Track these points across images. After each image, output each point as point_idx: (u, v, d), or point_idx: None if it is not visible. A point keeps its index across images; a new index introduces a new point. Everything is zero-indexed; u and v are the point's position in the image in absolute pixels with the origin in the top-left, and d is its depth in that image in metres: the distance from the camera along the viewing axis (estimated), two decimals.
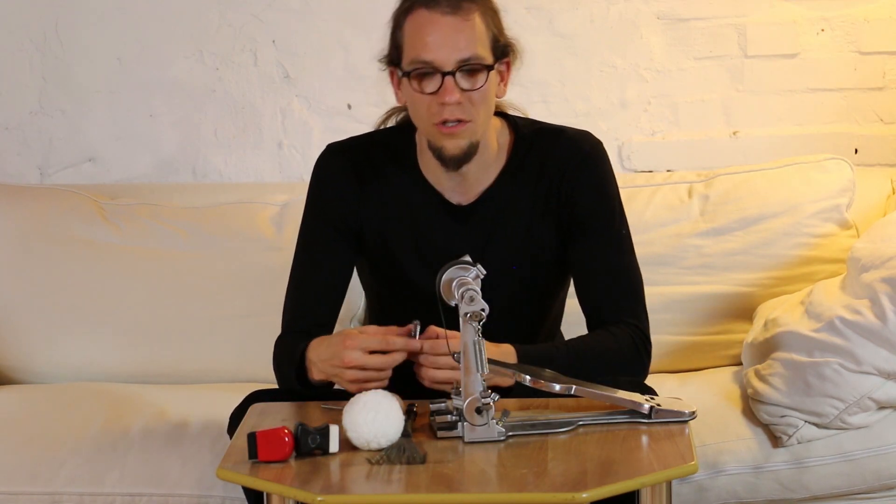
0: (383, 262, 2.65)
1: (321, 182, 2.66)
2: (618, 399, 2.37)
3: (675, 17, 3.59)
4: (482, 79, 2.49)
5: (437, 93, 2.47)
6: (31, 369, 3.34)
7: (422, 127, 2.55)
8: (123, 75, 3.65)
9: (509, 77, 2.58)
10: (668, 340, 3.27)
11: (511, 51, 2.56)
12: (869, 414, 2.84)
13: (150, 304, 3.31)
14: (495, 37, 2.52)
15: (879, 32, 3.55)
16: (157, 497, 2.84)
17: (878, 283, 2.85)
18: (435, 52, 2.46)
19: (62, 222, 3.37)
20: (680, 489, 2.80)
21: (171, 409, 3.05)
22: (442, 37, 2.46)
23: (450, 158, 2.52)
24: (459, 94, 2.47)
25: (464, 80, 2.48)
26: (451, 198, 2.62)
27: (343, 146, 2.68)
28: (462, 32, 2.47)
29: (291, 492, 2.14)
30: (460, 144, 2.51)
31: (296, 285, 2.65)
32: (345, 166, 2.64)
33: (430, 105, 2.48)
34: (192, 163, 3.67)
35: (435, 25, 2.46)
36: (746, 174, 3.35)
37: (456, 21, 2.47)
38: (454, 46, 2.46)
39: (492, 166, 2.62)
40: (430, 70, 2.47)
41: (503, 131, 2.65)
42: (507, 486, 2.15)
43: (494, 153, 2.62)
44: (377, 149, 2.65)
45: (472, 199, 2.62)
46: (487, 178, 2.62)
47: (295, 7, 3.62)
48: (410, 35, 2.49)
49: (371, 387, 2.34)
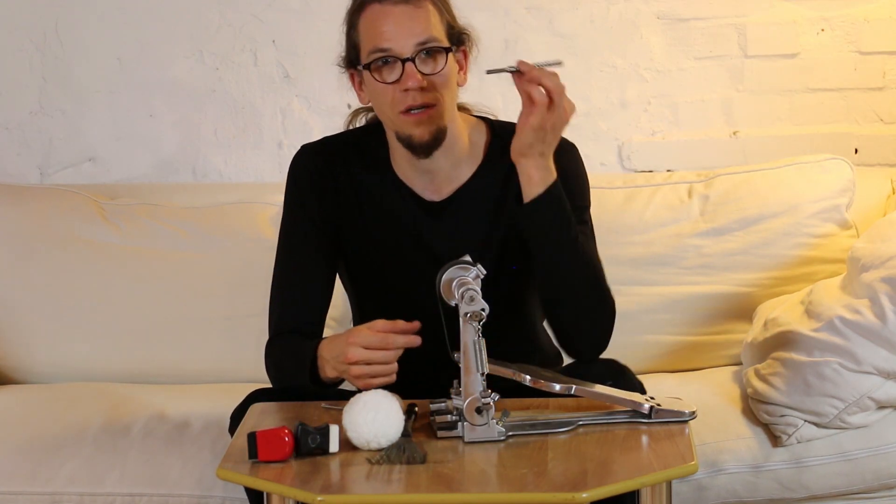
0: (359, 260, 2.65)
1: (297, 182, 2.67)
2: (618, 399, 2.37)
3: (675, 17, 3.59)
4: (442, 61, 2.50)
5: (399, 80, 2.49)
6: (31, 369, 3.34)
7: (388, 119, 2.56)
8: (123, 75, 3.65)
9: (468, 65, 2.59)
10: (668, 340, 3.27)
11: (467, 38, 2.57)
12: (868, 413, 2.84)
13: (150, 304, 3.31)
14: (449, 24, 2.55)
15: (879, 32, 3.55)
16: (157, 497, 2.84)
17: (878, 283, 2.85)
18: (392, 40, 2.48)
19: (62, 222, 3.37)
20: (680, 488, 2.80)
21: (171, 409, 3.05)
22: (397, 24, 2.48)
23: (419, 145, 2.53)
24: (421, 77, 2.48)
25: (423, 65, 2.49)
26: (423, 194, 2.62)
27: (316, 146, 2.69)
28: (416, 19, 2.49)
29: (291, 492, 2.14)
30: (428, 130, 2.52)
31: (280, 288, 2.65)
32: (319, 166, 2.65)
33: (394, 94, 2.50)
34: (192, 163, 3.67)
35: (389, 15, 2.49)
36: (746, 174, 3.35)
37: (408, 9, 2.49)
38: (410, 32, 2.48)
39: (465, 163, 2.62)
40: (389, 58, 2.49)
41: (479, 131, 2.65)
42: (507, 486, 2.15)
43: (466, 149, 2.62)
44: (350, 148, 2.66)
45: (444, 196, 2.62)
46: (461, 175, 2.62)
47: (295, 7, 3.62)
48: (366, 30, 2.51)
49: (378, 382, 2.35)
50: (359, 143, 2.67)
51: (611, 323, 2.59)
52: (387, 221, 2.63)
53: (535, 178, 2.50)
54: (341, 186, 2.64)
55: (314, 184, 2.64)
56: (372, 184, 2.64)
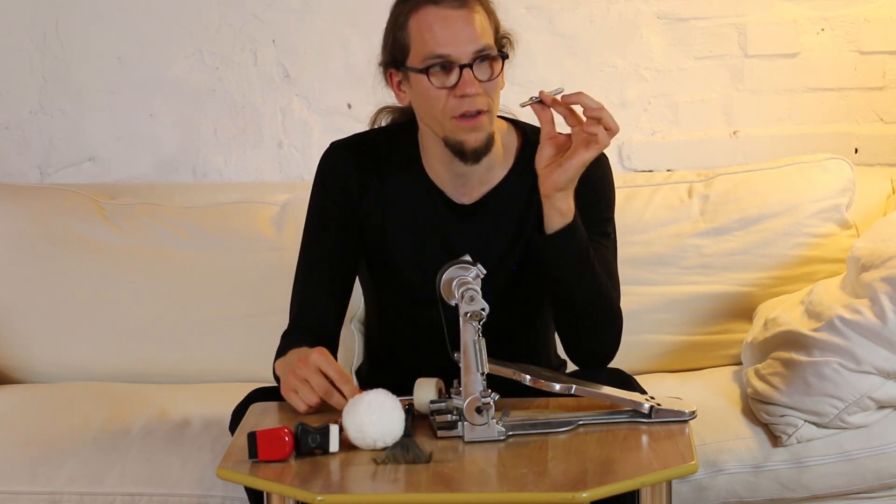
0: (382, 258, 2.65)
1: (324, 178, 2.67)
2: (618, 399, 2.37)
3: (675, 17, 3.59)
4: (497, 68, 2.51)
5: (455, 86, 2.48)
6: (31, 369, 3.34)
7: (437, 123, 2.54)
8: (123, 75, 3.65)
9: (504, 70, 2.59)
10: (668, 340, 3.27)
11: (508, 42, 2.57)
12: (868, 413, 2.84)
13: (150, 303, 3.31)
14: (496, 29, 2.54)
15: (879, 32, 3.55)
16: (157, 497, 2.84)
17: (878, 283, 2.85)
18: (451, 46, 2.47)
19: (62, 222, 3.37)
20: (680, 488, 2.80)
21: (172, 408, 3.05)
22: (455, 30, 2.47)
23: (471, 151, 2.52)
24: (478, 84, 2.48)
25: (480, 72, 2.49)
26: (453, 197, 2.62)
27: (346, 143, 2.69)
28: (473, 24, 2.48)
29: (291, 491, 2.14)
30: (480, 136, 2.52)
31: (301, 281, 2.66)
32: (347, 162, 2.65)
33: (448, 99, 2.49)
34: (192, 162, 3.67)
35: (446, 20, 2.48)
36: (746, 174, 3.35)
37: (465, 13, 2.48)
38: (469, 38, 2.48)
39: (497, 167, 2.62)
40: (446, 63, 2.48)
41: (510, 135, 2.65)
42: (507, 486, 2.15)
43: (500, 154, 2.62)
44: (381, 146, 2.66)
45: (474, 199, 2.62)
46: (492, 178, 2.62)
47: (295, 7, 3.62)
48: (419, 32, 2.49)
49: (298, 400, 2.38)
50: (390, 143, 2.66)
51: (619, 336, 2.60)
52: (413, 222, 2.63)
53: (564, 210, 2.49)
54: (369, 185, 2.64)
55: (341, 182, 2.64)
56: (401, 184, 2.63)
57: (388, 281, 2.67)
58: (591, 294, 2.53)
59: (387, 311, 2.71)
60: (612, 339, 2.59)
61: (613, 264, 2.63)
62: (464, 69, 2.47)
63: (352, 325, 3.27)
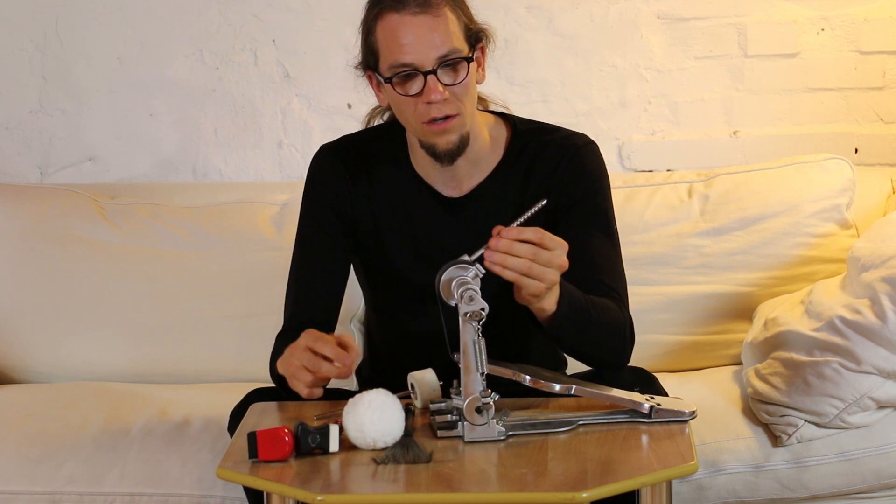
0: (376, 258, 2.66)
1: (315, 180, 2.68)
2: (618, 399, 2.37)
3: (675, 17, 3.59)
4: (463, 71, 2.48)
5: (421, 93, 2.47)
6: (31, 369, 3.34)
7: (410, 127, 2.55)
8: (123, 75, 3.65)
9: (485, 61, 2.58)
10: (668, 340, 3.27)
11: (484, 35, 2.55)
12: (868, 413, 2.84)
13: (150, 304, 3.31)
14: (467, 26, 2.51)
15: (879, 32, 3.55)
16: (157, 497, 2.84)
17: (878, 283, 2.85)
18: (413, 54, 2.45)
19: (62, 222, 3.37)
20: (680, 488, 2.80)
21: (171, 408, 3.05)
22: (417, 37, 2.45)
23: (443, 154, 2.53)
24: (443, 90, 2.46)
25: (445, 76, 2.47)
26: (443, 191, 2.63)
27: (335, 145, 2.70)
28: (436, 30, 2.45)
29: (291, 491, 2.14)
30: (451, 139, 2.51)
31: (295, 282, 2.66)
32: (337, 164, 2.65)
33: (416, 105, 2.48)
34: (192, 162, 3.68)
35: (407, 27, 2.45)
36: (746, 174, 3.35)
37: (427, 19, 2.45)
38: (431, 45, 2.45)
39: (485, 160, 2.62)
40: (410, 72, 2.47)
41: (499, 128, 2.65)
42: (507, 486, 2.15)
43: (487, 147, 2.62)
44: (368, 146, 2.67)
45: (464, 193, 2.62)
46: (480, 172, 2.62)
47: (295, 7, 3.62)
48: (384, 40, 2.48)
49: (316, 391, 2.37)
50: (377, 142, 2.67)
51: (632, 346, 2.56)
52: (403, 217, 2.63)
53: (547, 308, 2.39)
54: (359, 185, 2.64)
55: (330, 182, 2.65)
56: (390, 181, 2.64)
57: (384, 279, 2.68)
58: (597, 345, 2.49)
59: (384, 309, 2.72)
60: (624, 355, 2.55)
61: (616, 260, 2.61)
62: (428, 76, 2.46)
63: (352, 325, 3.27)
